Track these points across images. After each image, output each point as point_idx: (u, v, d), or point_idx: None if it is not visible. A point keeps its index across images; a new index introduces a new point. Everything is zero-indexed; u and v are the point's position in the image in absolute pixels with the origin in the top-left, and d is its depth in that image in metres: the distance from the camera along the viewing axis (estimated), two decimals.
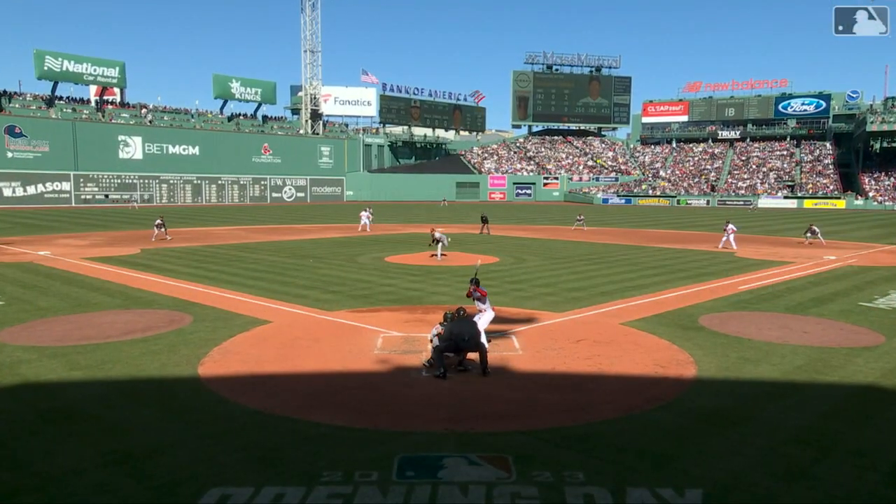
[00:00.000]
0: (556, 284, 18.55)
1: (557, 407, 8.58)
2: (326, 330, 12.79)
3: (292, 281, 19.04)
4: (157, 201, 72.06)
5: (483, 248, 29.06)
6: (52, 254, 24.63)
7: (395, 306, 15.08)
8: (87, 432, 7.50)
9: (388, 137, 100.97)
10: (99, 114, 71.98)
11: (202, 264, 22.63)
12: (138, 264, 22.35)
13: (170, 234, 32.72)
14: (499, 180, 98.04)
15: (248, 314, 14.08)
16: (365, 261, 24.28)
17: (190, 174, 75.21)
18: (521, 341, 11.89)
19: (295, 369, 10.18)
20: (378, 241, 32.27)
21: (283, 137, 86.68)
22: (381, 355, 10.95)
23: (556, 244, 31.76)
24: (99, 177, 67.75)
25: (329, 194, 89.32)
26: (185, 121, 79.73)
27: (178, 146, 74.74)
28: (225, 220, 47.59)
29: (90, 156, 66.79)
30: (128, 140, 70.50)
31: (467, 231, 38.35)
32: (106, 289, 17.23)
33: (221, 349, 11.21)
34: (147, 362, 10.32)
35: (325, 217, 54.20)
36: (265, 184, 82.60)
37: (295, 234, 36.46)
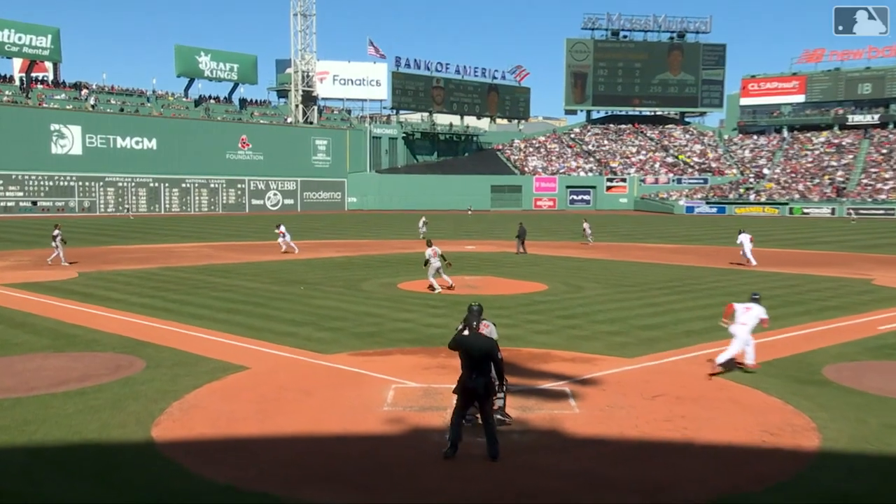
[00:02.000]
0: (625, 320, 18.48)
1: (627, 486, 8.44)
2: (321, 379, 12.82)
3: (277, 314, 19.18)
4: (100, 209, 73.57)
5: (526, 272, 29.01)
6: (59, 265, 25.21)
7: (412, 348, 15.07)
8: None
9: (403, 127, 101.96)
10: (25, 96, 74.02)
11: (159, 292, 22.98)
12: (74, 292, 22.73)
13: (69, 254, 30.71)
14: (547, 183, 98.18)
15: (218, 357, 14.19)
16: (371, 287, 24.43)
17: (144, 174, 76.78)
18: (578, 396, 11.81)
19: (279, 431, 10.17)
20: (388, 263, 32.44)
21: (266, 127, 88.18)
22: (392, 413, 10.93)
23: (622, 267, 31.64)
24: (24, 178, 69.53)
25: (326, 201, 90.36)
26: (139, 105, 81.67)
27: (128, 138, 76.45)
28: (190, 235, 48.37)
29: (13, 151, 68.63)
30: (63, 130, 72.33)
31: (504, 249, 38.37)
32: (31, 324, 17.51)
33: (183, 404, 11.27)
34: (84, 422, 10.40)
35: (321, 231, 54.79)
36: (242, 187, 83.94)
37: (280, 252, 36.85)
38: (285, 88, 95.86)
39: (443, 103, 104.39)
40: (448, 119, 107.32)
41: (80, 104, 76.67)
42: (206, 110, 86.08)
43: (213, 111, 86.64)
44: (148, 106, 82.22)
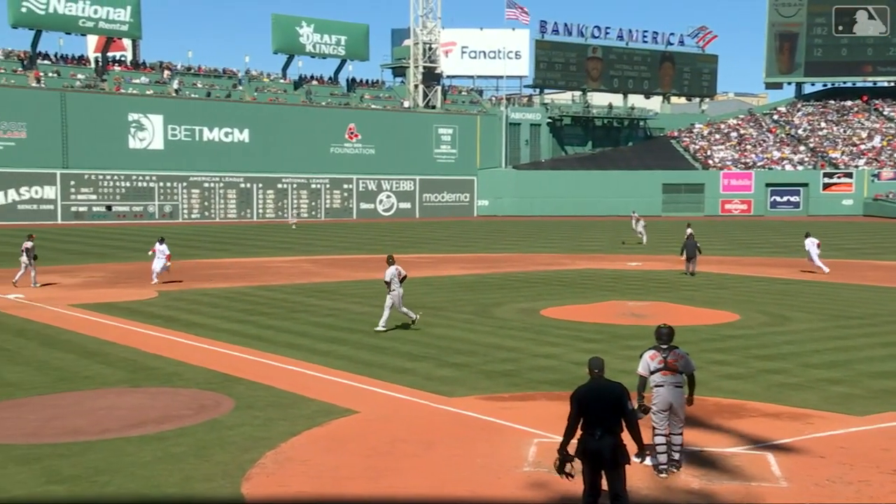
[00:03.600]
0: (850, 364, 17.75)
1: None
2: (444, 428, 12.94)
3: (390, 346, 19.57)
4: (183, 216, 77.65)
5: (710, 297, 28.20)
6: (27, 298, 27.25)
7: (557, 392, 14.90)
8: None
9: (549, 110, 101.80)
10: (101, 80, 79.40)
11: (251, 316, 24.01)
12: (155, 315, 24.11)
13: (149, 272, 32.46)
14: (740, 179, 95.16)
15: (320, 398, 14.63)
16: (507, 314, 24.49)
17: (234, 173, 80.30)
18: (786, 465, 11.36)
19: (393, 493, 10.33)
20: (528, 283, 32.43)
21: (378, 114, 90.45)
22: (535, 474, 10.87)
23: (847, 292, 30.41)
24: (98, 178, 74.32)
25: (450, 205, 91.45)
26: (230, 89, 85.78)
27: (216, 129, 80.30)
28: (287, 247, 50.29)
29: (86, 146, 73.39)
30: (142, 120, 76.91)
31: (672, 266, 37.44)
32: (105, 354, 18.69)
33: (278, 455, 11.66)
34: (163, 474, 10.95)
35: (444, 242, 55.47)
36: (349, 188, 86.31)
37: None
38: (402, 65, 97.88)
39: (600, 79, 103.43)
40: (607, 98, 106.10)
41: (162, 88, 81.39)
42: (308, 94, 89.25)
43: (316, 94, 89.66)
44: (240, 89, 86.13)
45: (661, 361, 11.04)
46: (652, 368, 11.01)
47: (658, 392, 10.98)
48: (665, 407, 10.94)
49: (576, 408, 8.82)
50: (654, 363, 11.03)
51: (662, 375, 10.97)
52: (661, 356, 11.06)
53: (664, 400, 10.94)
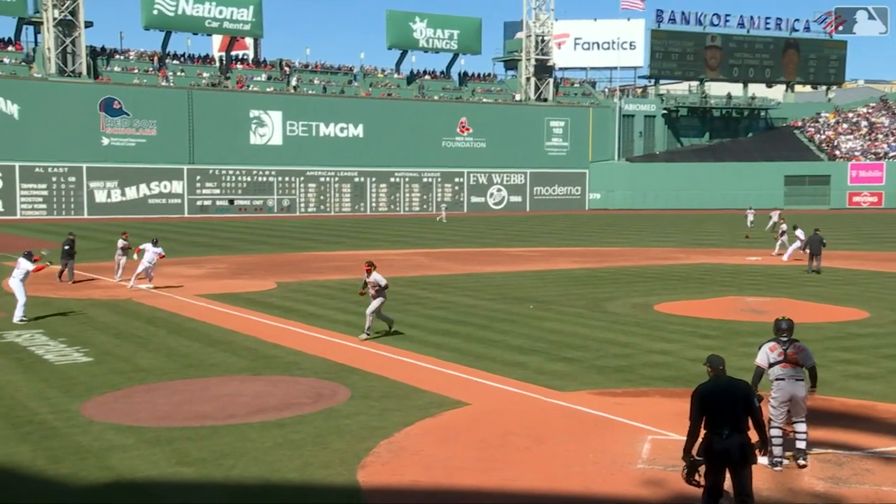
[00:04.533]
0: None
1: None
2: (556, 422, 12.93)
3: (501, 339, 19.62)
4: (300, 210, 79.53)
5: (835, 294, 27.25)
6: (156, 288, 28.41)
7: (674, 388, 14.78)
8: None
9: (664, 101, 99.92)
10: (224, 78, 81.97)
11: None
12: (273, 306, 24.80)
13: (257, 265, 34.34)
14: (870, 171, 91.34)
15: (432, 390, 14.82)
16: (620, 309, 24.26)
17: (349, 167, 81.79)
18: None
19: (506, 485, 10.38)
20: (642, 277, 31.99)
21: (490, 107, 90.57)
22: (649, 472, 10.77)
23: None
24: (222, 173, 76.90)
25: (561, 198, 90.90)
26: (345, 85, 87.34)
27: (332, 124, 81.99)
28: (399, 240, 50.95)
29: (211, 142, 76.24)
30: (263, 116, 79.16)
31: (795, 262, 36.23)
32: (228, 342, 19.37)
33: (392, 444, 11.87)
34: (284, 459, 11.31)
35: (555, 236, 55.21)
36: (460, 181, 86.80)
37: (506, 262, 37.64)
38: (514, 58, 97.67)
39: (718, 68, 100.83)
40: (725, 88, 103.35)
41: (281, 86, 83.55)
42: (420, 88, 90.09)
43: (428, 89, 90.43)
44: (355, 85, 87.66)
45: (781, 354, 10.93)
46: (771, 360, 10.91)
47: (779, 385, 10.88)
48: (786, 399, 10.84)
49: (699, 406, 8.63)
50: (773, 355, 10.93)
51: (782, 368, 10.88)
52: (781, 348, 10.95)
53: (785, 392, 10.84)
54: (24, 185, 69.32)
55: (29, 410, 13.76)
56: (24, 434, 12.51)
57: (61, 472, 10.98)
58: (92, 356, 17.95)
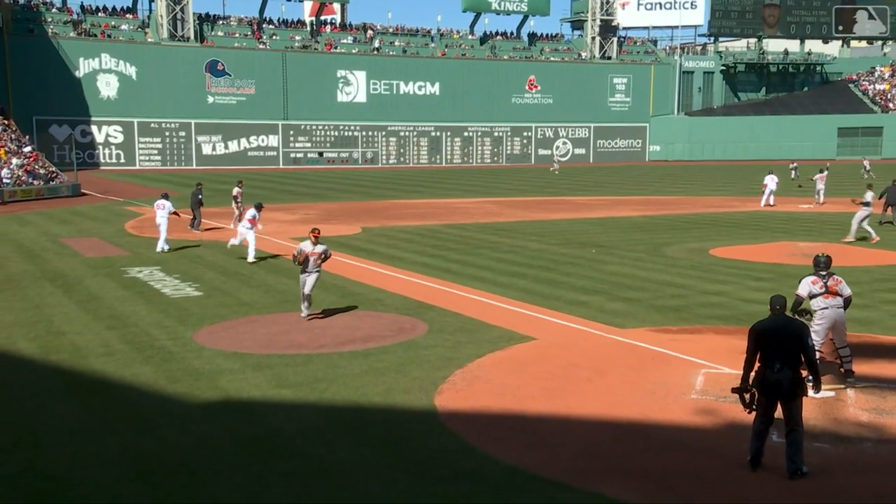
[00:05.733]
0: None
1: None
2: (616, 356, 12.94)
3: (566, 280, 19.59)
4: (382, 161, 79.99)
5: (886, 240, 26.42)
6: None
7: (726, 326, 14.65)
8: (297, 473, 8.70)
9: (723, 58, 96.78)
10: (314, 41, 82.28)
11: (440, 251, 24.58)
12: (359, 249, 25.12)
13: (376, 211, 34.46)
14: None
15: (502, 325, 14.92)
16: (676, 253, 23.96)
17: (426, 122, 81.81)
18: None
19: (568, 412, 10.48)
20: (698, 224, 31.49)
21: (557, 65, 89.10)
22: (702, 402, 10.75)
23: None
24: (312, 128, 77.70)
25: (623, 150, 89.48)
26: (423, 46, 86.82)
27: (411, 83, 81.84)
28: (472, 189, 50.89)
29: (302, 100, 76.92)
30: (349, 76, 79.39)
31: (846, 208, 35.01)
32: (320, 281, 19.70)
33: (466, 373, 12.03)
34: (369, 384, 11.57)
35: (617, 186, 54.51)
36: (528, 135, 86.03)
37: (571, 210, 37.36)
38: (580, 18, 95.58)
39: (777, 25, 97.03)
40: (783, 45, 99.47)
41: (365, 48, 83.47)
42: (492, 48, 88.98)
43: (500, 49, 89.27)
44: (432, 46, 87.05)
45: (823, 286, 11.20)
46: (814, 292, 11.19)
47: (823, 314, 11.18)
48: (830, 325, 11.17)
49: (754, 342, 8.62)
50: (815, 288, 11.22)
51: (825, 299, 11.19)
52: (822, 282, 11.24)
53: (830, 319, 11.17)
54: (141, 138, 71.13)
55: (150, 337, 14.30)
56: (147, 357, 13.03)
57: (179, 390, 11.44)
58: (202, 291, 18.49)
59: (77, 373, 12.33)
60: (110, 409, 10.73)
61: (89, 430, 9.99)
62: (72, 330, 14.80)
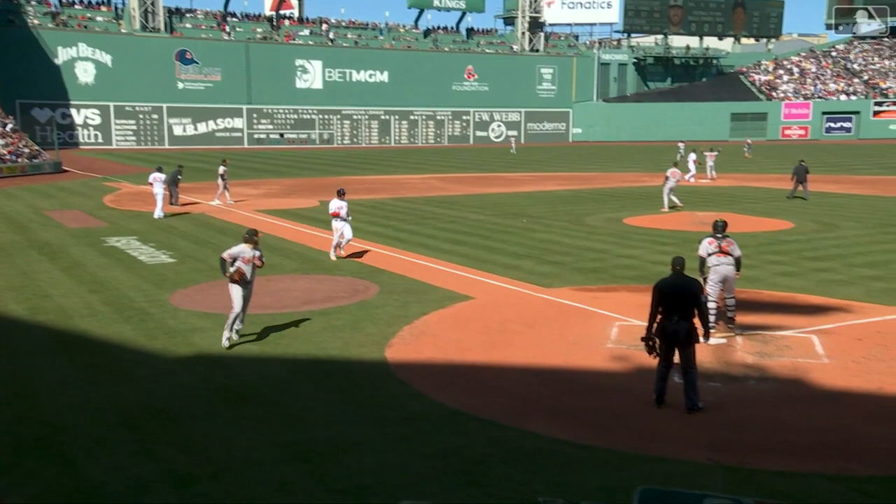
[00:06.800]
0: (889, 264, 17.06)
1: (888, 446, 7.88)
2: (544, 312, 13.12)
3: (501, 247, 19.73)
4: (337, 142, 79.13)
5: (770, 209, 27.17)
6: (223, 205, 28.45)
7: (637, 285, 14.92)
8: (265, 418, 8.69)
9: (634, 52, 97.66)
10: (275, 33, 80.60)
11: (390, 222, 24.49)
12: (317, 220, 24.88)
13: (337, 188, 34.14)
14: (799, 109, 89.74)
15: (445, 287, 15.00)
16: (596, 222, 24.28)
17: (376, 107, 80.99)
18: (828, 345, 11.11)
19: (504, 361, 10.62)
20: (614, 197, 31.90)
21: (491, 57, 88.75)
22: (617, 350, 10.99)
23: (890, 204, 28.80)
24: (274, 111, 76.37)
25: (550, 132, 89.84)
26: (373, 38, 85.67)
27: (363, 71, 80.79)
28: (418, 167, 50.68)
29: (264, 86, 75.38)
30: (306, 65, 78.06)
31: (742, 183, 36.00)
32: (282, 249, 19.53)
33: (413, 329, 12.10)
34: (328, 340, 11.56)
35: (545, 163, 54.81)
36: (467, 119, 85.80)
37: (504, 185, 37.50)
38: (512, 15, 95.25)
39: (680, 23, 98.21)
40: (685, 41, 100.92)
41: (321, 39, 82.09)
42: (434, 41, 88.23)
43: (441, 42, 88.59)
44: (380, 39, 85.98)
45: (717, 246, 11.55)
46: (709, 251, 11.55)
47: (715, 269, 11.55)
48: (720, 279, 11.52)
49: (658, 297, 8.83)
50: (710, 247, 11.57)
51: (717, 257, 11.55)
52: (717, 242, 11.58)
53: (720, 274, 11.53)
54: (117, 120, 69.03)
55: (129, 299, 14.04)
56: (126, 317, 12.81)
57: (156, 346, 11.30)
58: (176, 258, 18.17)
59: (63, 332, 12.09)
60: (95, 364, 10.55)
61: (76, 383, 9.82)
62: (57, 293, 14.46)
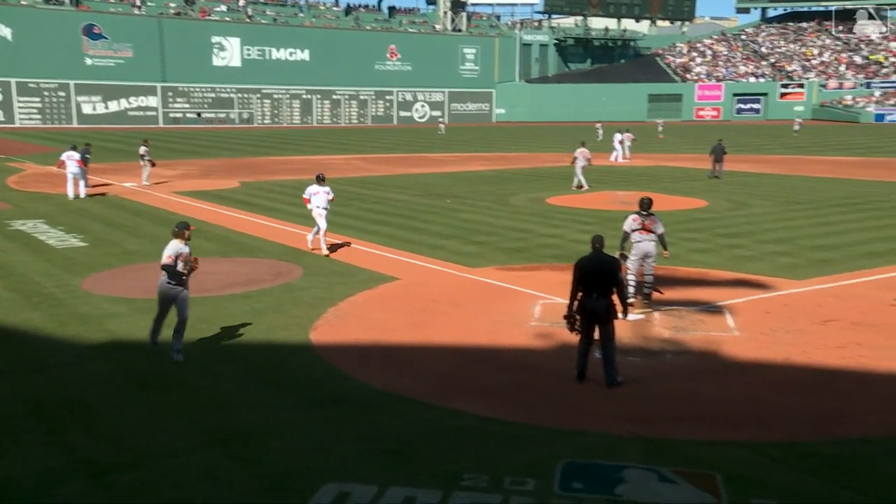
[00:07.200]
0: (795, 240, 17.78)
1: (792, 413, 8.28)
2: (469, 292, 13.24)
3: (425, 227, 19.77)
4: (258, 121, 77.46)
5: (684, 188, 28.03)
6: (139, 186, 27.59)
7: (560, 264, 15.13)
8: (187, 404, 8.52)
9: (555, 33, 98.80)
10: (189, 8, 78.00)
11: None
12: (238, 201, 24.41)
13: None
14: (712, 90, 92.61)
15: (370, 268, 14.95)
16: (520, 202, 24.56)
17: (298, 86, 79.54)
18: (740, 318, 11.56)
19: (429, 341, 10.69)
20: (537, 177, 32.33)
21: (414, 36, 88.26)
22: (540, 328, 11.16)
23: (795, 182, 30.06)
24: (190, 90, 74.09)
25: (473, 113, 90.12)
26: (292, 16, 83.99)
27: (283, 49, 79.16)
28: (341, 147, 50.17)
29: (179, 63, 72.85)
30: (223, 42, 75.93)
31: (659, 163, 37.05)
32: (202, 231, 19.02)
33: (338, 311, 12.04)
34: (251, 323, 11.39)
35: (468, 144, 55.05)
36: (390, 99, 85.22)
37: (429, 165, 37.52)
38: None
39: (599, 5, 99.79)
40: (603, 23, 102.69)
41: (238, 15, 79.94)
42: (356, 19, 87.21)
43: (363, 20, 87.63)
44: (300, 17, 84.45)
45: (640, 223, 11.87)
46: (633, 228, 11.89)
47: (637, 246, 11.90)
48: (641, 255, 11.90)
49: (578, 275, 9.00)
50: (634, 224, 11.91)
51: (640, 234, 11.89)
52: (641, 220, 11.90)
53: (641, 250, 11.89)
54: (20, 98, 65.72)
55: (37, 285, 13.51)
56: (35, 303, 12.33)
57: (68, 333, 10.92)
58: (88, 241, 17.56)
59: None
60: (1, 353, 10.12)
61: None
62: None
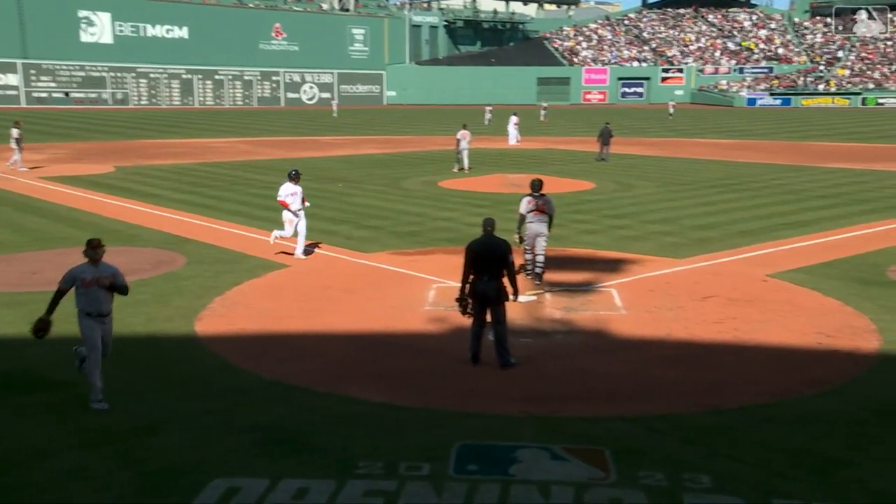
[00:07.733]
0: (677, 220, 18.51)
1: (675, 387, 8.64)
2: (362, 277, 13.14)
3: (316, 213, 19.33)
4: (133, 102, 74.05)
5: (573, 171, 28.76)
6: (1, 171, 25.86)
7: (454, 248, 15.14)
8: (59, 404, 8.08)
9: (444, 15, 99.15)
10: None
11: (197, 188, 23.40)
12: (114, 187, 23.29)
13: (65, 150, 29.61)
14: (598, 75, 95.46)
15: (258, 255, 14.60)
16: (412, 186, 24.56)
17: (177, 65, 76.50)
18: (625, 297, 11.96)
19: (322, 328, 10.54)
20: (429, 160, 32.44)
21: (301, 15, 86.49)
22: (434, 312, 11.21)
23: (676, 164, 31.35)
24: (56, 68, 69.94)
25: (364, 95, 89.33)
26: None
27: (159, 26, 75.95)
28: (225, 130, 48.67)
29: (43, 39, 68.60)
30: (91, 17, 72.00)
31: (547, 146, 37.93)
32: (74, 219, 18.10)
33: (225, 300, 11.70)
34: (130, 315, 10.86)
35: (359, 127, 54.57)
36: (277, 80, 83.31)
37: (319, 149, 36.97)
38: None
39: None
40: (492, 5, 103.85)
41: None
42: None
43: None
44: None
45: (535, 205, 12.34)
46: (528, 209, 12.37)
47: (530, 226, 12.40)
48: (534, 235, 12.38)
49: (469, 258, 9.09)
50: (529, 206, 12.37)
51: (534, 215, 12.38)
52: (535, 202, 12.35)
53: (534, 231, 12.39)
54: None
55: None
56: None
57: None
58: None
59: None
60: None
61: None
62: None
